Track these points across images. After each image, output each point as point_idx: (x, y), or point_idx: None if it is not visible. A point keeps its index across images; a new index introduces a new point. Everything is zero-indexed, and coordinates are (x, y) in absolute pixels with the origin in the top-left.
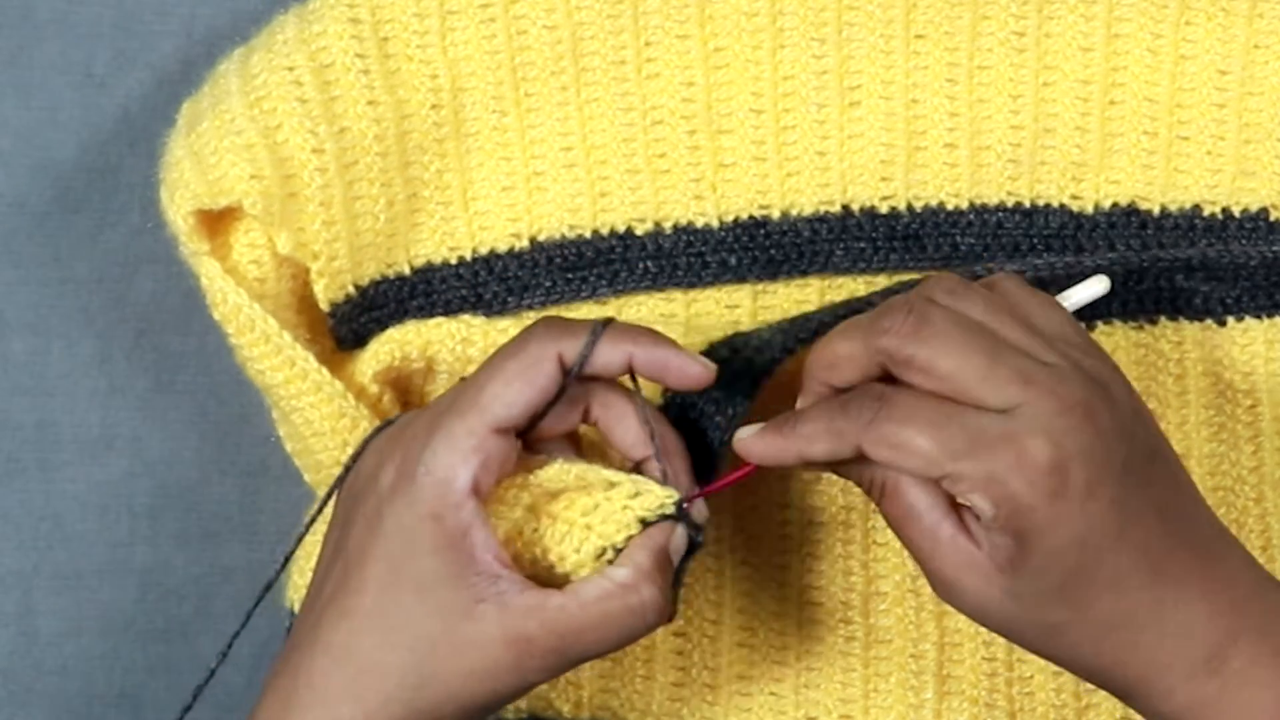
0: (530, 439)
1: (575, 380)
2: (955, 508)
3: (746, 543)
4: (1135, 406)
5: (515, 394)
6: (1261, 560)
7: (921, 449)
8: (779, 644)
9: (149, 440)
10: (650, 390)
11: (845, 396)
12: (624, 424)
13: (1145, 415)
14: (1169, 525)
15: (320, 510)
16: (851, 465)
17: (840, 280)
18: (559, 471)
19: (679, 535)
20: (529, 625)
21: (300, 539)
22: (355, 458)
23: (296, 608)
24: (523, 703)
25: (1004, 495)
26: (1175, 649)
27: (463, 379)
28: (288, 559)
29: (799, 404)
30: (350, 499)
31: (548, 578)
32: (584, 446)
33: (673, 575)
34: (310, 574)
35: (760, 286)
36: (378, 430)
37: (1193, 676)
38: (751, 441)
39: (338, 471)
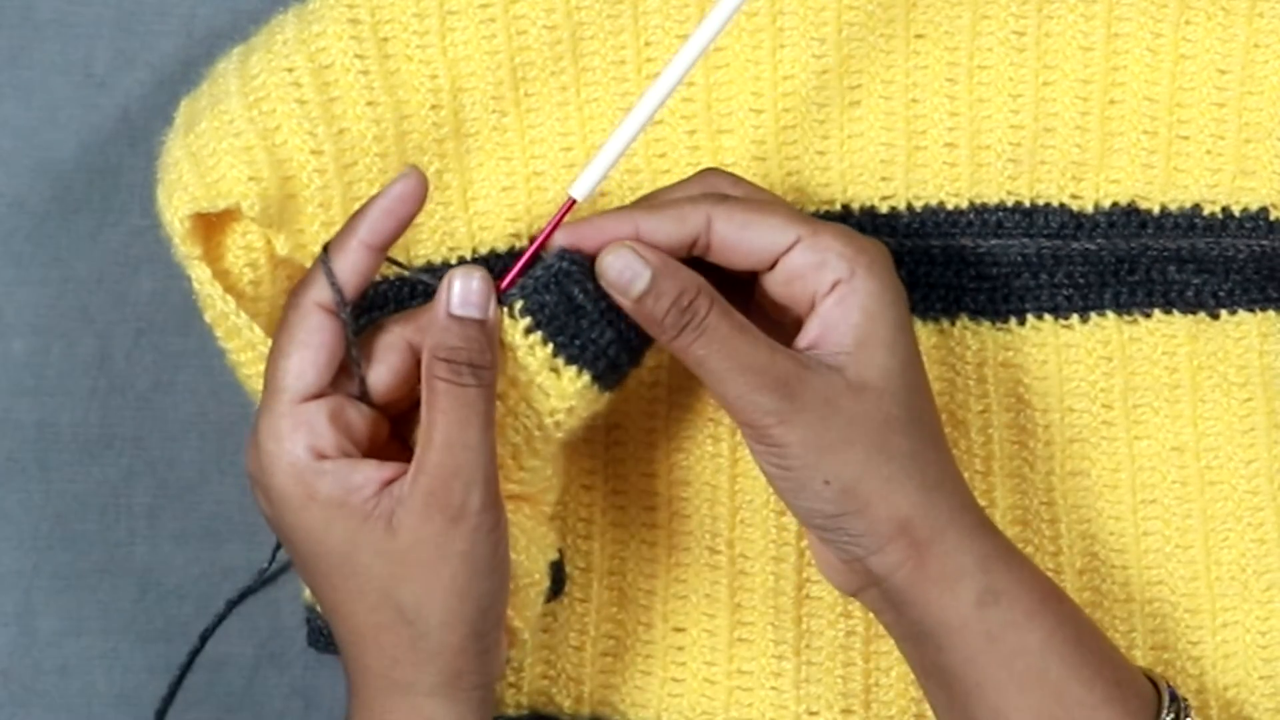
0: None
1: (349, 313)
2: None
3: (744, 537)
4: None
5: (298, 361)
6: (1256, 554)
7: (779, 213)
8: (778, 638)
9: (149, 440)
10: None
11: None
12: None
13: None
14: None
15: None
16: (682, 294)
17: None
18: None
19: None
20: (430, 482)
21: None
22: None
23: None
24: (523, 699)
25: (859, 249)
26: (970, 494)
27: None
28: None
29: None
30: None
31: None
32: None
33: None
34: None
35: None
36: None
37: (985, 524)
38: (579, 227)
39: None
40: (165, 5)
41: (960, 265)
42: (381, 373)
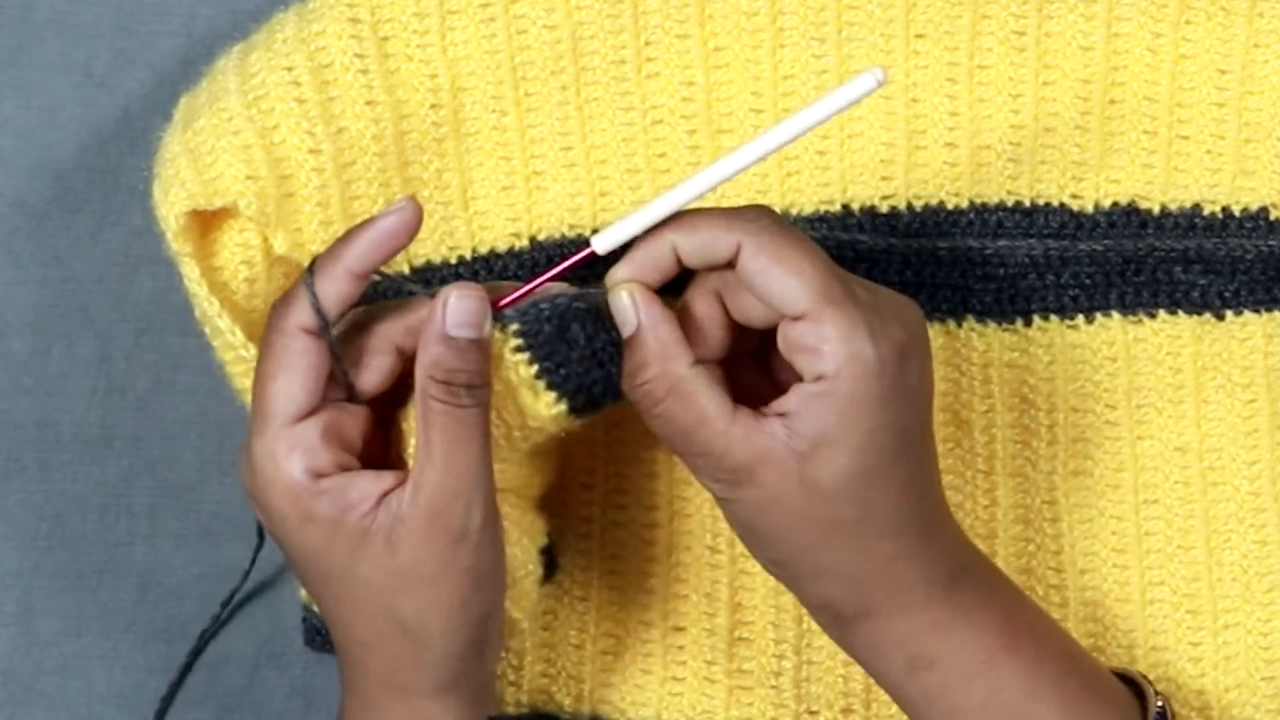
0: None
1: (331, 333)
2: (737, 407)
3: None
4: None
5: (286, 384)
6: (1258, 555)
7: (800, 275)
8: (779, 637)
9: (149, 440)
10: None
11: (739, 207)
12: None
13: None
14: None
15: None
16: (641, 369)
17: None
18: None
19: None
20: (432, 502)
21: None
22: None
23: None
24: (523, 697)
25: (853, 355)
26: (925, 569)
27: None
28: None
29: (642, 254)
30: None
31: None
32: None
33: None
34: None
35: None
36: None
37: (932, 598)
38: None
39: None
40: (165, 5)
41: (967, 266)
42: (370, 377)
